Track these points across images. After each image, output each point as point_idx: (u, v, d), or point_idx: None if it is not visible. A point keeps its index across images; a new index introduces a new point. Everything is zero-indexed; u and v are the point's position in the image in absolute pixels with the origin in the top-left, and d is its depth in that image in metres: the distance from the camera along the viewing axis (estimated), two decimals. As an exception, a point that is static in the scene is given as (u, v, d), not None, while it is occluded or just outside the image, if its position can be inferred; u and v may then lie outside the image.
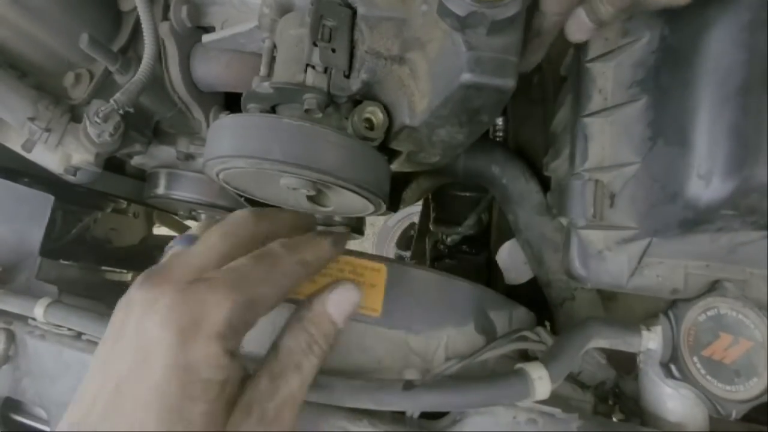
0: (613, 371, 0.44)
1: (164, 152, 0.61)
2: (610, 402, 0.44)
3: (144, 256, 0.83)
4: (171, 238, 0.97)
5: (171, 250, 0.35)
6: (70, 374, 0.44)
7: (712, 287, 0.38)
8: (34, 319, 0.46)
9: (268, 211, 0.36)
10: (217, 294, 0.26)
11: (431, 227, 0.90)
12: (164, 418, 0.24)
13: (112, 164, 0.66)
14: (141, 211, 0.86)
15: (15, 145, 0.54)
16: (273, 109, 0.41)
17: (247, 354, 0.39)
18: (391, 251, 1.85)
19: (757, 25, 0.31)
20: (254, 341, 0.39)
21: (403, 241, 1.84)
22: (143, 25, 0.47)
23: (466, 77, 0.31)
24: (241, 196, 0.48)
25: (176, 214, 0.77)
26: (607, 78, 0.41)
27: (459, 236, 0.84)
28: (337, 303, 0.33)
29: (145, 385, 0.24)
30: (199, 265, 0.29)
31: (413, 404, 0.34)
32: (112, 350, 0.26)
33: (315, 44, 0.37)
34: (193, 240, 0.33)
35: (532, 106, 0.62)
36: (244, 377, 0.29)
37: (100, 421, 0.24)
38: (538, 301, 0.56)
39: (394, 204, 0.66)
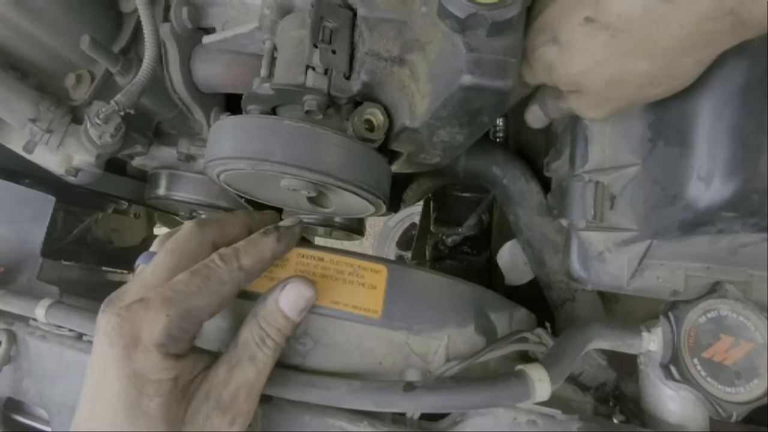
0: (613, 373, 0.44)
1: (165, 153, 0.61)
2: (611, 403, 0.44)
3: (145, 256, 0.83)
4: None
5: (137, 269, 0.38)
6: (71, 375, 0.44)
7: (713, 289, 0.38)
8: (35, 319, 0.46)
9: (212, 220, 0.38)
10: (151, 311, 0.30)
11: (432, 228, 0.90)
12: (129, 414, 0.30)
13: (114, 165, 0.66)
14: (142, 212, 0.86)
15: (16, 146, 0.54)
16: (274, 111, 0.41)
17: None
18: (391, 252, 1.86)
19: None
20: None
21: (404, 242, 1.84)
22: (144, 27, 0.47)
23: (466, 79, 0.31)
24: (242, 197, 0.48)
25: (177, 215, 0.77)
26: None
27: (460, 237, 0.84)
28: (289, 299, 0.35)
29: (108, 392, 0.30)
30: (149, 284, 0.33)
31: (413, 405, 0.34)
32: (89, 368, 0.33)
33: (315, 46, 0.37)
34: (152, 256, 0.36)
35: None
36: (205, 368, 0.33)
37: (87, 423, 0.31)
38: (539, 302, 0.56)
39: (394, 205, 0.66)
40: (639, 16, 0.27)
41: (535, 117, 0.39)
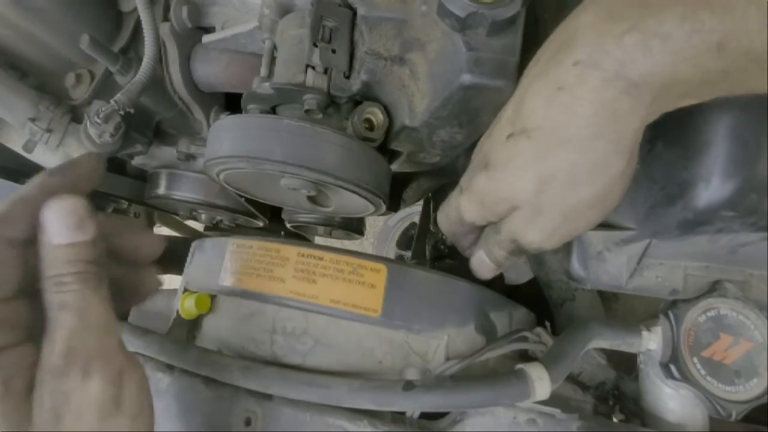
0: (613, 372, 0.44)
1: (165, 153, 0.61)
2: (611, 402, 0.44)
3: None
4: (172, 238, 0.97)
5: None
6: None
7: (712, 288, 0.38)
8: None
9: None
10: None
11: (432, 227, 0.90)
12: None
13: (113, 165, 0.66)
14: (142, 212, 0.86)
15: (16, 145, 0.54)
16: (273, 110, 0.41)
17: (248, 353, 0.39)
18: (391, 251, 1.85)
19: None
20: (253, 341, 0.40)
21: (404, 241, 1.84)
22: (144, 26, 0.47)
23: (466, 78, 0.31)
24: (242, 197, 0.48)
25: (177, 215, 0.77)
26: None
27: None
28: (54, 227, 0.28)
29: None
30: None
31: (413, 404, 0.34)
32: None
33: (315, 45, 0.37)
34: None
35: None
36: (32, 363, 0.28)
37: None
38: (539, 301, 0.56)
39: (394, 204, 0.66)
40: (543, 107, 0.27)
41: (481, 265, 0.38)
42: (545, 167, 0.29)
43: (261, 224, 0.74)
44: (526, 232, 0.32)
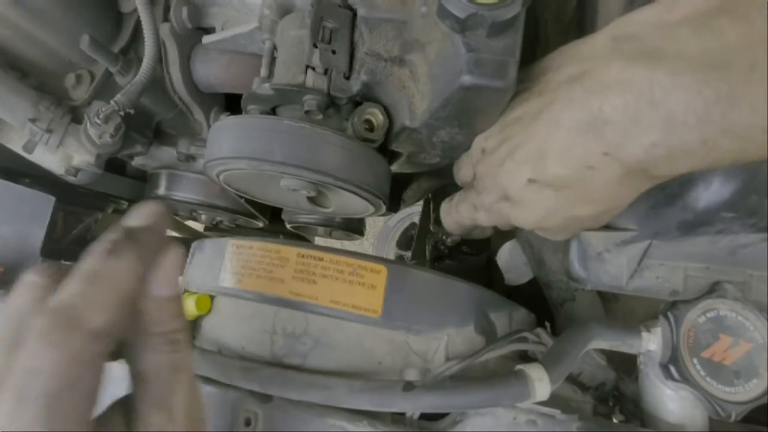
0: (613, 372, 0.44)
1: (165, 153, 0.61)
2: (610, 403, 0.44)
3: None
4: (171, 238, 0.97)
5: None
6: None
7: (712, 289, 0.38)
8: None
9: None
10: None
11: (432, 228, 0.90)
12: None
13: (113, 165, 0.66)
14: (142, 212, 0.86)
15: (16, 146, 0.54)
16: (273, 111, 0.41)
17: (248, 354, 0.39)
18: (391, 251, 1.85)
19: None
20: (253, 342, 0.40)
21: (404, 242, 1.84)
22: (144, 27, 0.47)
23: (466, 79, 0.31)
24: (242, 197, 0.48)
25: (177, 215, 0.77)
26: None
27: (459, 237, 0.84)
28: (162, 281, 0.26)
29: None
30: None
31: (413, 405, 0.34)
32: None
33: (315, 46, 0.37)
34: None
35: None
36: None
37: None
38: (539, 301, 0.56)
39: (394, 204, 0.66)
40: (570, 178, 0.31)
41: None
42: (573, 214, 0.33)
43: (261, 225, 0.74)
44: (554, 237, 0.39)
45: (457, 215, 0.45)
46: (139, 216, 0.27)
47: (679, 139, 0.25)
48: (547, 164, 0.31)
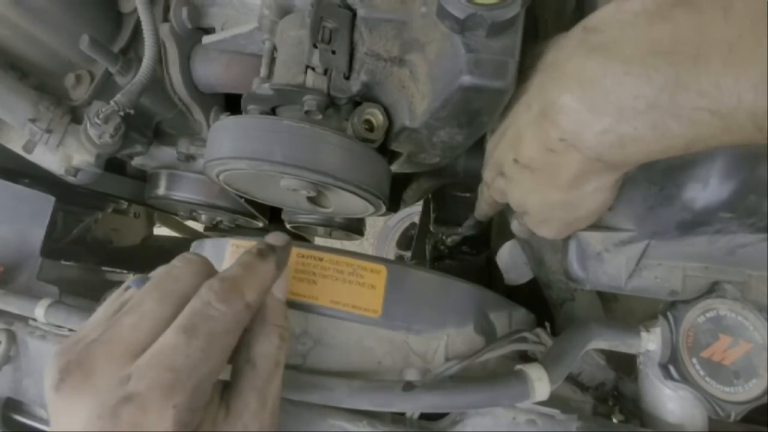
0: (612, 372, 0.44)
1: (165, 153, 0.61)
2: (610, 403, 0.44)
3: (145, 256, 0.83)
4: (171, 238, 0.97)
5: (127, 292, 0.32)
6: (70, 375, 0.44)
7: (711, 289, 0.38)
8: (34, 319, 0.46)
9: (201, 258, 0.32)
10: (152, 413, 0.23)
11: (432, 228, 0.90)
12: None
13: (113, 165, 0.66)
14: (142, 212, 0.86)
15: (16, 146, 0.54)
16: (273, 111, 0.41)
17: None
18: (391, 251, 1.86)
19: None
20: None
21: (404, 241, 1.84)
22: (144, 27, 0.48)
23: (466, 79, 0.31)
24: (242, 197, 0.48)
25: (177, 215, 0.77)
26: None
27: (459, 237, 0.84)
28: (280, 284, 0.33)
29: None
30: (132, 345, 0.26)
31: (413, 405, 0.34)
32: None
33: (315, 46, 0.37)
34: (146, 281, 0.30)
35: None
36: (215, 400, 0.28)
37: None
38: (539, 302, 0.56)
39: (394, 204, 0.66)
40: (538, 160, 0.32)
41: (517, 229, 0.47)
42: (546, 197, 0.35)
43: (261, 225, 0.74)
44: (538, 229, 0.40)
45: (481, 199, 0.50)
46: (276, 238, 0.34)
47: (628, 125, 0.26)
48: (522, 145, 0.33)
